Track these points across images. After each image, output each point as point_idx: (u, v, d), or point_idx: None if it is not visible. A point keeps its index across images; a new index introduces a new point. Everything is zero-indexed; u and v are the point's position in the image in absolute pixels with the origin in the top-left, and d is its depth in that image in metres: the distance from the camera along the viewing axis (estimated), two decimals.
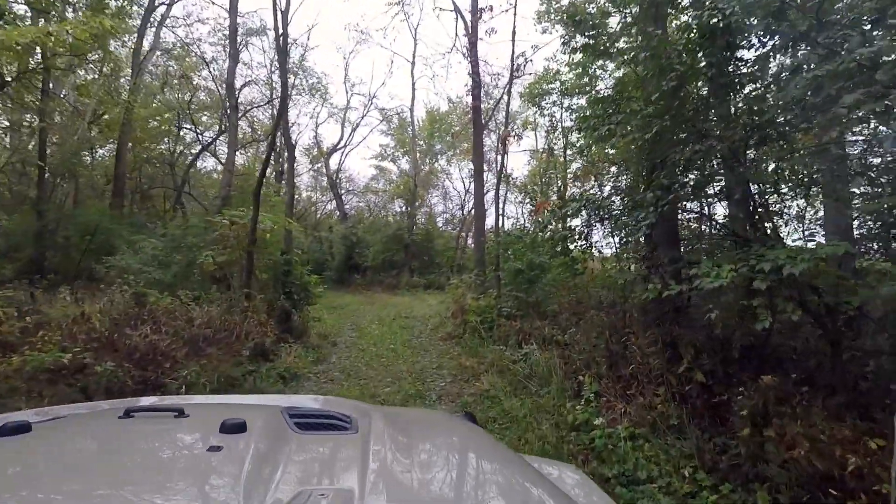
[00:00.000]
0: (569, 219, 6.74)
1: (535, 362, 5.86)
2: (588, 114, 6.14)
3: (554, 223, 7.26)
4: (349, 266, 23.41)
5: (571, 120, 14.89)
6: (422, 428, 1.58)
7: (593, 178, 12.73)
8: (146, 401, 2.11)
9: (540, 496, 1.02)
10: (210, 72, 17.64)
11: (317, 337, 8.41)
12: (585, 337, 5.76)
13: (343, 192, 25.85)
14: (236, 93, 13.29)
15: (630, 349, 4.79)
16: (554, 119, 15.24)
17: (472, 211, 24.92)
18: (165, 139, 19.12)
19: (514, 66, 11.26)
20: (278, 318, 7.76)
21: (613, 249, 7.41)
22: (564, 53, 8.60)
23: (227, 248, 7.61)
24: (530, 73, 12.69)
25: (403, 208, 22.41)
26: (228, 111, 12.06)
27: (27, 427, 1.14)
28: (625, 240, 6.28)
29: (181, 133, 19.06)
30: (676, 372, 4.09)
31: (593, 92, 14.48)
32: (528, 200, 19.56)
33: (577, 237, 6.08)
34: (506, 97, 12.56)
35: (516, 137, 11.53)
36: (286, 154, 15.56)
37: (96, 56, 11.26)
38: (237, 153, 15.12)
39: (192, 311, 6.41)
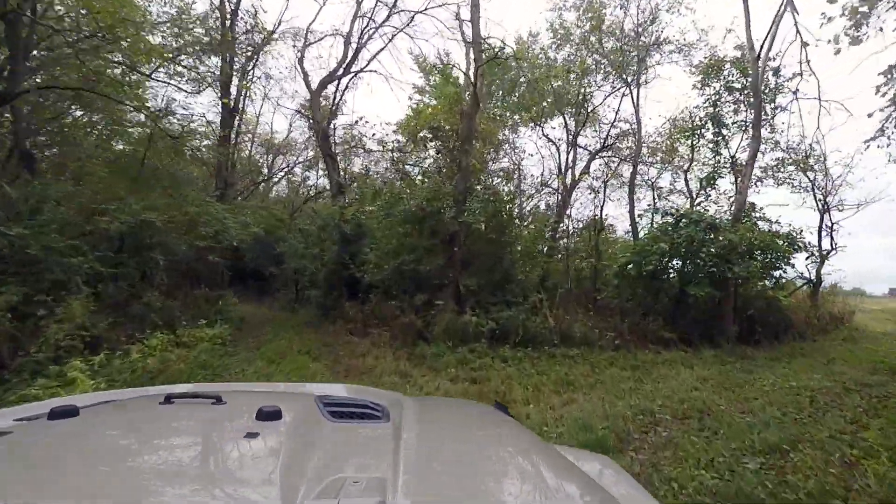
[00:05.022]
0: None
1: None
2: None
3: None
4: (343, 281, 12.22)
5: None
6: (453, 417, 1.56)
7: None
8: (185, 388, 2.00)
9: (573, 487, 1.00)
10: None
11: None
12: None
13: (341, 148, 14.60)
14: None
15: None
16: None
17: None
18: None
19: None
20: None
21: None
22: None
23: None
24: None
25: (442, 158, 10.40)
26: None
27: (75, 412, 1.21)
28: None
29: None
30: None
31: None
32: None
33: None
34: None
35: None
36: None
37: None
38: None
39: None
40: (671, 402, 5.46)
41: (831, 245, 11.90)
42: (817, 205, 12.30)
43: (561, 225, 11.95)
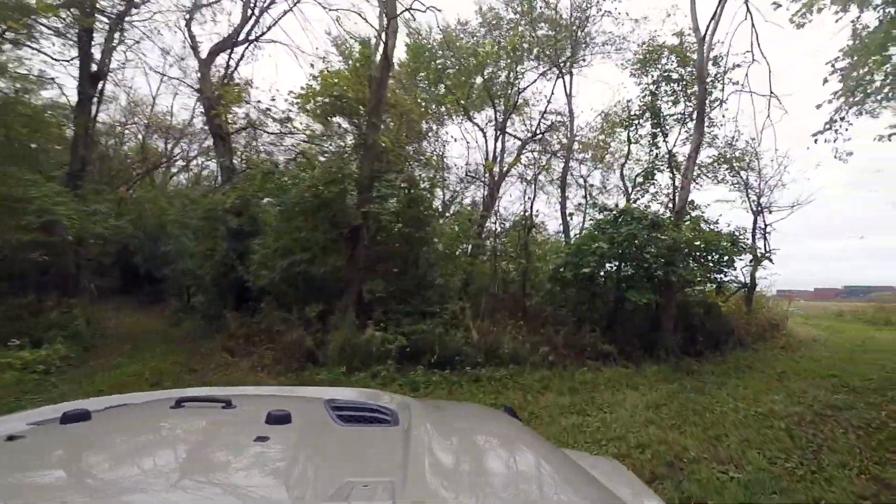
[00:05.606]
0: None
1: None
2: None
3: None
4: (232, 286, 10.07)
5: None
6: (462, 421, 1.54)
7: None
8: (195, 391, 1.89)
9: (582, 490, 0.98)
10: None
11: None
12: None
13: (235, 125, 12.28)
14: None
15: None
16: None
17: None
18: None
19: None
20: None
21: None
22: None
23: None
24: None
25: (351, 131, 8.57)
26: None
27: (87, 415, 1.19)
28: None
29: None
30: None
31: None
32: None
33: None
34: None
35: None
36: None
37: None
38: None
39: None
40: (628, 447, 4.11)
41: (765, 247, 11.47)
42: (751, 205, 11.87)
43: (488, 221, 10.53)
